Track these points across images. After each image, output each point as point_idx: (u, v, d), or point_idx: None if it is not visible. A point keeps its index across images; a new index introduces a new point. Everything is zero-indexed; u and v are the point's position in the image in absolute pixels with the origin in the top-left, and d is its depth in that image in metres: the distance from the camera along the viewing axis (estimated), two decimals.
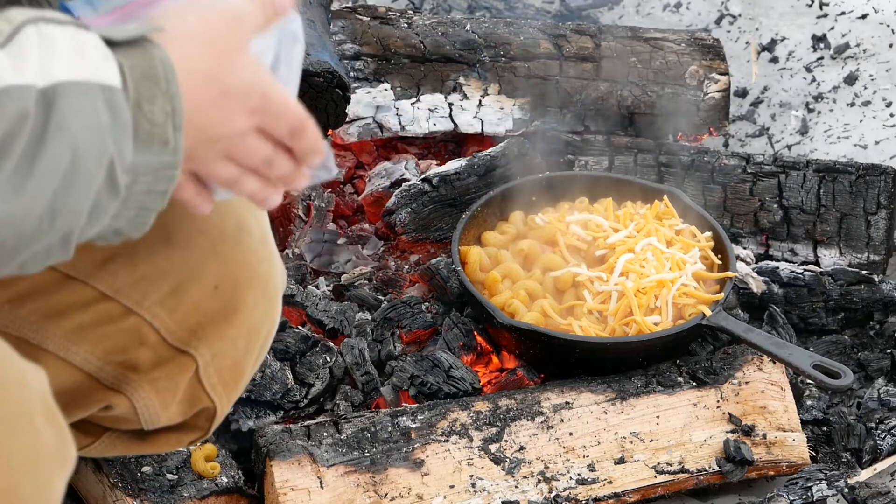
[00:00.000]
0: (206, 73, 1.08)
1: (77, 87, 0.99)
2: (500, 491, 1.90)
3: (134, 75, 1.03)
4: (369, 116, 2.48)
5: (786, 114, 2.87)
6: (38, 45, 0.99)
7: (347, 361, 2.06)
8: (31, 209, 0.98)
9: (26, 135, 0.96)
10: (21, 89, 0.97)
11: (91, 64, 1.01)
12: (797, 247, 2.44)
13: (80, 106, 0.99)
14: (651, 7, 3.14)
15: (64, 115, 0.98)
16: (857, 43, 2.95)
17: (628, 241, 2.13)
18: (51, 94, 0.98)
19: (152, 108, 1.04)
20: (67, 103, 0.98)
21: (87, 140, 0.99)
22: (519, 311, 2.04)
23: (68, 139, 0.98)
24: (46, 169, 0.98)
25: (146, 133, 1.03)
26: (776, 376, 2.06)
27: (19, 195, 0.97)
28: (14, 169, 0.96)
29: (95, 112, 1.00)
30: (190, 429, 1.46)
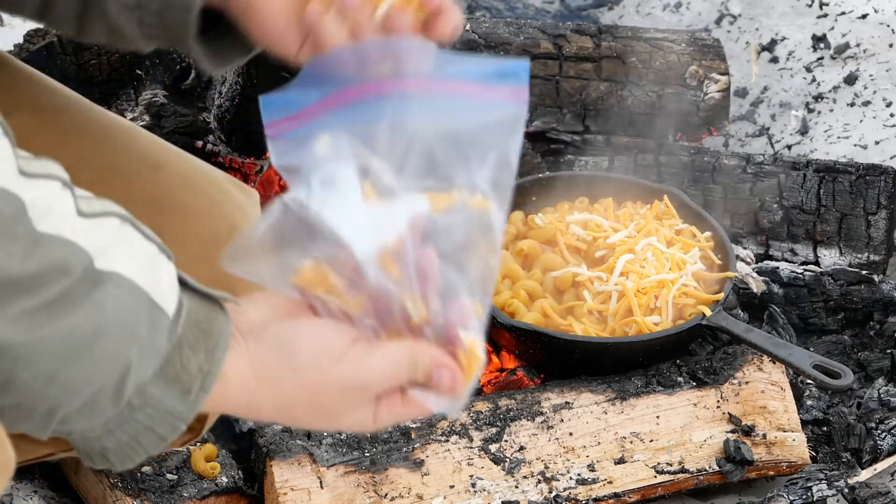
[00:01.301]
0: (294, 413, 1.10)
1: (131, 287, 1.00)
2: (500, 491, 1.90)
3: (189, 318, 1.04)
4: None
5: (786, 114, 2.87)
6: (114, 235, 1.01)
7: None
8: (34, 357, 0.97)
9: (59, 288, 0.96)
10: (74, 248, 0.97)
11: (154, 279, 1.02)
12: (797, 247, 2.44)
13: (125, 302, 0.99)
14: (651, 7, 3.14)
15: (105, 298, 0.98)
16: (857, 43, 2.95)
17: (628, 241, 2.13)
18: (103, 275, 0.98)
19: (191, 356, 1.03)
20: (114, 291, 0.99)
21: (116, 331, 0.99)
22: (519, 311, 2.04)
23: (99, 318, 0.98)
24: (66, 329, 0.97)
25: (174, 374, 1.03)
26: (776, 376, 2.06)
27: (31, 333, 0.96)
28: (36, 309, 0.96)
29: (136, 317, 1.00)
30: None
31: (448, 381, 1.10)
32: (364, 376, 1.09)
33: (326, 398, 1.09)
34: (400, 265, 1.09)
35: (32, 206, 0.96)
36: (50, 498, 1.91)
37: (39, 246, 0.96)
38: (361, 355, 1.09)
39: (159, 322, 1.01)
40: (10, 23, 2.79)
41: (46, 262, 0.96)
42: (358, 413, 1.11)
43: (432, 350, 1.11)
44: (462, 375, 1.11)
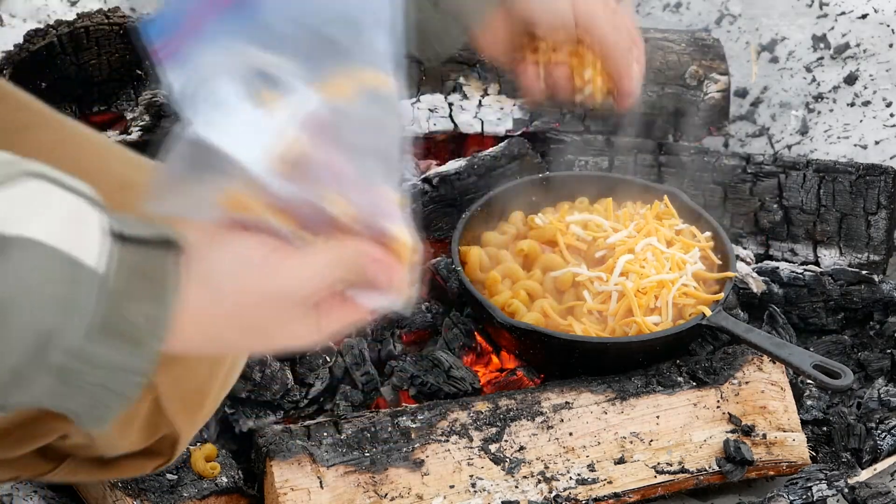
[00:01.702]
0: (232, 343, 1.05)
1: (41, 250, 0.95)
2: (500, 491, 1.90)
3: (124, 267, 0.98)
4: None
5: (786, 114, 2.87)
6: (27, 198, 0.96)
7: (347, 361, 2.06)
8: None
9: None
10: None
11: (74, 237, 0.97)
12: (797, 247, 2.44)
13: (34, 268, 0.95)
14: (651, 7, 3.14)
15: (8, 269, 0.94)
16: (857, 43, 2.95)
17: (628, 241, 2.13)
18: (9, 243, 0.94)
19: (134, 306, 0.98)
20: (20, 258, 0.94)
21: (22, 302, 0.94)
22: (519, 311, 2.04)
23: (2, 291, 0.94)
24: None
25: (114, 327, 0.98)
26: (776, 376, 2.06)
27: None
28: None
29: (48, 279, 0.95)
30: (153, 454, 1.42)
31: (384, 274, 1.04)
32: (289, 283, 1.03)
33: (255, 313, 1.03)
34: (303, 167, 1.03)
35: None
36: (50, 498, 1.91)
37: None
38: (283, 261, 1.03)
39: (82, 279, 0.96)
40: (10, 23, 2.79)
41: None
42: (295, 326, 1.04)
43: (361, 245, 1.05)
44: (398, 265, 1.05)
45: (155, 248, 1.00)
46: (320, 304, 1.05)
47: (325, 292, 1.04)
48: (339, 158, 1.04)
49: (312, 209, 1.04)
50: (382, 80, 1.06)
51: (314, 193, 1.03)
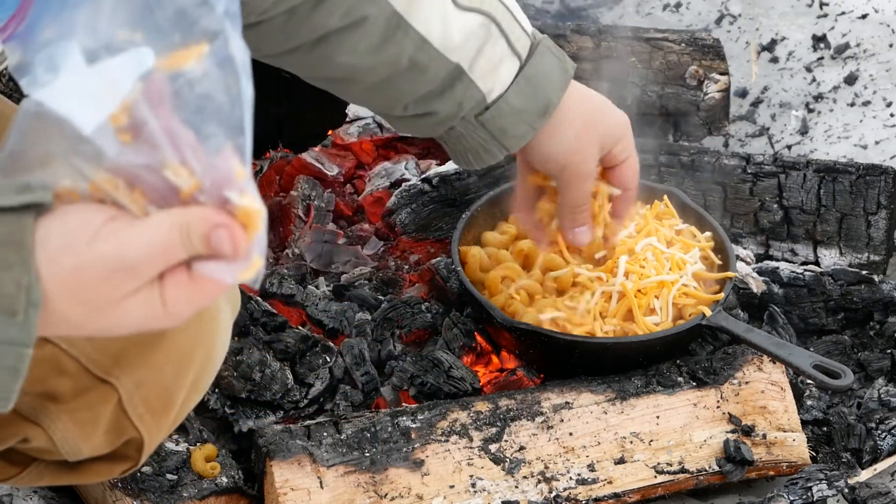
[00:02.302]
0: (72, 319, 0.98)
1: None
2: (500, 491, 1.90)
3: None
4: (369, 116, 2.48)
5: (786, 114, 2.87)
6: None
7: (347, 361, 2.06)
8: None
9: None
10: None
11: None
12: (797, 247, 2.44)
13: None
14: (651, 7, 3.14)
15: None
16: (857, 43, 2.95)
17: (628, 241, 2.13)
18: None
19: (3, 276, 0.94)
20: None
21: None
22: (519, 311, 2.04)
23: None
24: None
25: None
26: (776, 376, 2.06)
27: None
28: None
29: None
30: (119, 458, 1.40)
31: (229, 241, 0.97)
32: (125, 252, 0.96)
33: (90, 286, 0.97)
34: (142, 134, 0.98)
35: None
36: (49, 498, 1.91)
37: None
38: (119, 229, 0.97)
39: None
40: None
41: None
42: (136, 301, 0.98)
43: (203, 211, 0.98)
44: (243, 232, 0.98)
45: (20, 214, 0.96)
46: (165, 280, 0.99)
47: (163, 261, 0.98)
48: (179, 125, 0.99)
49: (152, 177, 0.99)
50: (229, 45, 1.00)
51: (152, 160, 0.98)
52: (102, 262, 0.97)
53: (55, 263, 0.97)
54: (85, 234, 0.97)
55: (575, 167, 1.79)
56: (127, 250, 0.97)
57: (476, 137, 1.73)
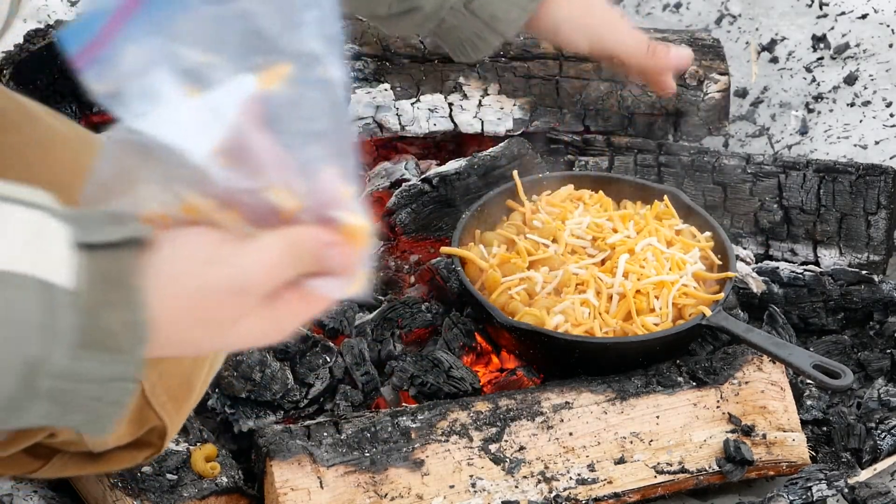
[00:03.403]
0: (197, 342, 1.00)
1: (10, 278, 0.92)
2: (500, 491, 1.90)
3: (94, 278, 0.95)
4: (369, 116, 2.48)
5: (786, 114, 2.87)
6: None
7: (347, 361, 2.06)
8: None
9: None
10: None
11: (41, 258, 0.93)
12: (797, 247, 2.44)
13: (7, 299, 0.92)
14: (651, 7, 3.14)
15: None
16: (857, 43, 2.95)
17: (628, 241, 2.13)
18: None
19: (110, 315, 0.95)
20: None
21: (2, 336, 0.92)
22: (519, 311, 2.04)
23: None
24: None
25: (94, 340, 0.95)
26: (776, 376, 2.06)
27: None
28: None
29: (22, 309, 0.92)
30: (142, 446, 1.42)
31: (339, 258, 1.00)
32: (243, 272, 0.98)
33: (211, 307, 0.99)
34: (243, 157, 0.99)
35: None
36: (50, 498, 1.91)
37: None
38: (235, 251, 0.99)
39: (56, 300, 0.94)
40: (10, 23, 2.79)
41: None
42: (252, 321, 1.00)
43: (312, 231, 1.00)
44: (351, 248, 1.01)
45: (121, 250, 0.97)
46: (276, 298, 1.01)
47: (280, 281, 1.00)
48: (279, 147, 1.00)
49: (255, 200, 1.00)
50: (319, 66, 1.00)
51: (256, 184, 1.00)
52: (223, 283, 0.99)
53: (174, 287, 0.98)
54: (202, 256, 0.99)
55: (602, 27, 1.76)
56: (244, 270, 0.99)
57: (469, 27, 1.70)
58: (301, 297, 1.02)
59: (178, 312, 0.99)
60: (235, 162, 0.99)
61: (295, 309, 1.02)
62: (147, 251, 0.98)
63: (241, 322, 1.00)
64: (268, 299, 1.00)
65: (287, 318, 1.02)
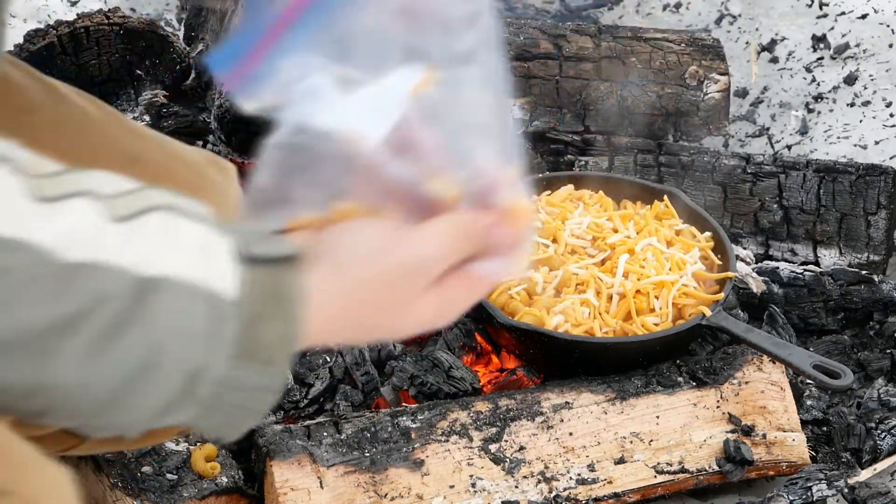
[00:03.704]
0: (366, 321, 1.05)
1: (181, 287, 0.96)
2: (500, 491, 1.90)
3: (255, 290, 0.98)
4: None
5: (786, 114, 2.87)
6: (159, 233, 0.96)
7: (347, 361, 2.06)
8: (90, 390, 0.95)
9: (103, 319, 0.93)
10: (111, 270, 0.93)
11: (211, 269, 0.97)
12: (797, 247, 2.44)
13: (178, 308, 0.96)
14: (651, 7, 3.14)
15: (155, 312, 0.95)
16: (857, 43, 2.95)
17: (628, 241, 2.13)
18: (150, 286, 0.94)
19: (266, 327, 0.99)
20: (164, 300, 0.95)
21: (172, 341, 0.95)
22: (519, 311, 2.04)
23: (149, 334, 0.94)
24: (115, 356, 0.94)
25: (249, 351, 0.98)
26: (776, 376, 2.06)
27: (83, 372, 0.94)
28: (84, 347, 0.93)
29: (192, 318, 0.96)
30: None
31: (506, 238, 1.05)
32: (422, 254, 1.03)
33: (392, 289, 1.04)
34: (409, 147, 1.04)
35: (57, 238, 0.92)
36: None
37: (71, 280, 0.92)
38: (412, 235, 1.04)
39: (221, 310, 0.97)
40: (11, 23, 2.79)
41: (82, 296, 0.92)
42: (421, 306, 1.04)
43: (477, 215, 1.05)
44: (515, 228, 1.05)
45: (280, 265, 1.00)
46: (445, 281, 1.05)
47: (448, 262, 1.04)
48: (440, 137, 1.04)
49: (417, 192, 1.04)
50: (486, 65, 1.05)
51: (421, 173, 1.04)
52: (403, 265, 1.04)
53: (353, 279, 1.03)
54: (376, 244, 1.04)
55: None
56: (418, 255, 1.04)
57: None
58: (466, 280, 1.06)
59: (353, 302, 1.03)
60: (401, 153, 1.03)
61: (461, 293, 1.06)
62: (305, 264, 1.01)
63: (418, 304, 1.04)
64: (435, 284, 1.04)
65: (453, 303, 1.06)
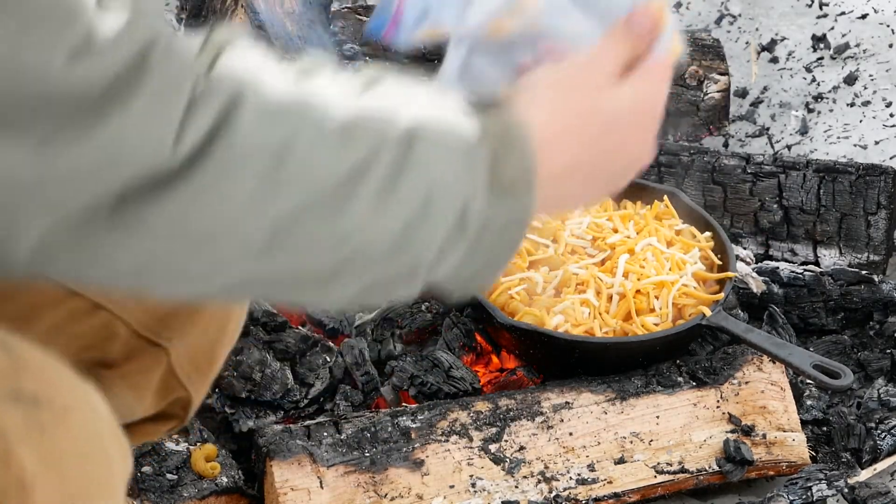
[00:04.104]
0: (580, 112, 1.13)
1: (436, 132, 1.03)
2: (500, 491, 1.90)
3: (487, 132, 1.06)
4: None
5: (786, 114, 2.87)
6: (398, 93, 1.04)
7: (347, 361, 2.06)
8: (384, 233, 1.00)
9: (383, 166, 0.99)
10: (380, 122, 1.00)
11: (449, 116, 1.05)
12: (797, 247, 2.44)
13: (438, 149, 1.02)
14: None
15: (421, 154, 1.01)
16: (857, 43, 2.95)
17: (628, 241, 2.13)
18: (411, 134, 1.01)
19: (505, 162, 1.06)
20: (425, 144, 1.02)
21: (442, 180, 1.02)
22: (519, 310, 2.04)
23: (423, 176, 1.01)
24: (403, 198, 1.00)
25: (500, 186, 1.06)
26: (776, 376, 2.06)
27: (376, 217, 0.99)
28: (373, 194, 0.98)
29: (451, 158, 1.03)
30: (166, 418, 1.43)
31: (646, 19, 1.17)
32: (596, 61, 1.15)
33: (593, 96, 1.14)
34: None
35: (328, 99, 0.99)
36: None
37: (351, 132, 0.98)
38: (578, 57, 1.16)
39: (470, 149, 1.04)
40: None
41: (365, 145, 0.98)
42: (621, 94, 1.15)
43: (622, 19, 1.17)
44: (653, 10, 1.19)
45: (495, 110, 1.09)
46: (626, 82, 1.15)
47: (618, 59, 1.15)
48: None
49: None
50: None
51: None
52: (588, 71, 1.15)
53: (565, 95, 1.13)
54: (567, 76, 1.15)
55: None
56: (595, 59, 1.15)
57: None
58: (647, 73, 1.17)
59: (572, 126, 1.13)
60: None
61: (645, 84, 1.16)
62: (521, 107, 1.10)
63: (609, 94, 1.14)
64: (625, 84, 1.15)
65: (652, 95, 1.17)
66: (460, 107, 1.07)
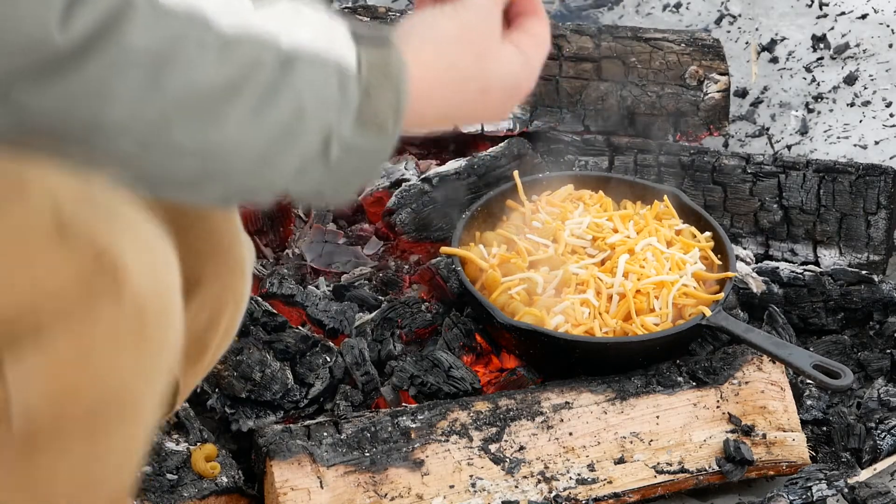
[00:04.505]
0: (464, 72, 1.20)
1: (316, 58, 1.08)
2: (500, 491, 1.90)
3: (368, 65, 1.12)
4: None
5: (786, 114, 2.87)
6: (289, 14, 1.09)
7: (347, 361, 2.06)
8: (250, 149, 1.05)
9: (258, 85, 1.04)
10: (261, 39, 1.04)
11: (334, 44, 1.10)
12: (797, 247, 2.44)
13: (315, 75, 1.07)
14: (651, 7, 3.14)
15: (297, 78, 1.06)
16: (857, 43, 2.95)
17: (628, 241, 2.13)
18: (291, 55, 1.06)
19: (378, 97, 1.12)
20: (303, 69, 1.07)
21: (313, 106, 1.07)
22: (519, 311, 2.04)
23: (296, 99, 1.06)
24: (272, 119, 1.05)
25: (369, 118, 1.12)
26: (776, 376, 2.06)
27: (244, 133, 1.04)
28: (245, 110, 1.03)
29: (326, 85, 1.08)
30: None
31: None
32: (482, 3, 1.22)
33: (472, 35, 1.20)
34: None
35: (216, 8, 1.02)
36: None
37: (232, 48, 1.02)
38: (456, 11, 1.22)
39: (346, 80, 1.09)
40: None
41: (242, 62, 1.03)
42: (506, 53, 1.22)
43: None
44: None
45: (383, 45, 1.15)
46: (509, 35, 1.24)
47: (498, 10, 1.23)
48: None
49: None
50: None
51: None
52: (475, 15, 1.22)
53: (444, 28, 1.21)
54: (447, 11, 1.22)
55: None
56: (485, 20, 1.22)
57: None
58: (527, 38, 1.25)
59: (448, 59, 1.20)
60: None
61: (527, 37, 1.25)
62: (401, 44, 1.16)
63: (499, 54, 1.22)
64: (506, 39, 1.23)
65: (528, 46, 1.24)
66: (348, 36, 1.12)
